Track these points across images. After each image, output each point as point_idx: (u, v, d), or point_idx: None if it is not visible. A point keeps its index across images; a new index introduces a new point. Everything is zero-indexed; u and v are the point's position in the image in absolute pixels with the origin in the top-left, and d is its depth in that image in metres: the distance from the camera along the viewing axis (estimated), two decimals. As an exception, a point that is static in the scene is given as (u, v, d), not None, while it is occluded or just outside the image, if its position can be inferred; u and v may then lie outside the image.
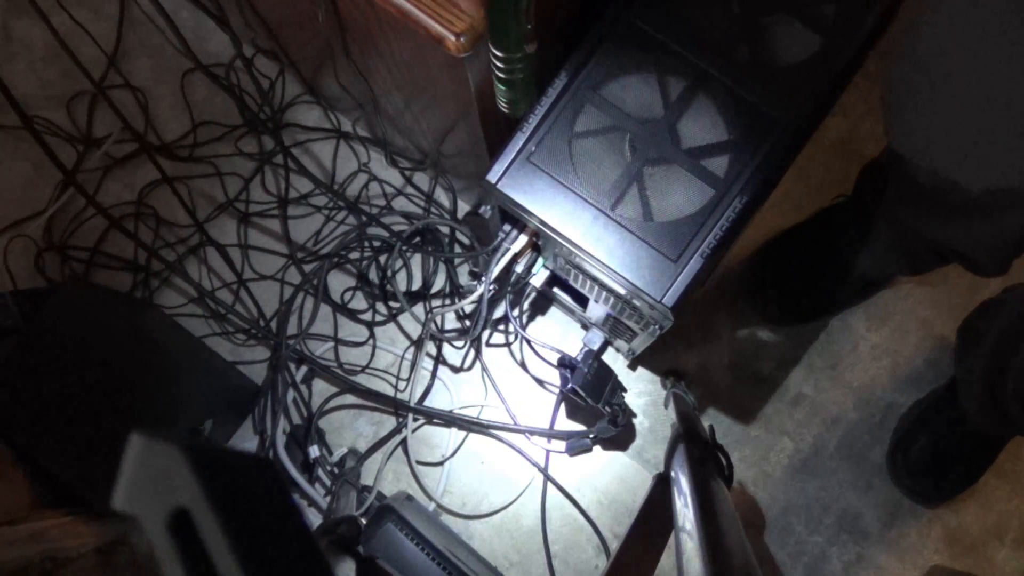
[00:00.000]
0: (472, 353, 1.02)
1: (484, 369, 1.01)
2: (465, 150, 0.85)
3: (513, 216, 0.73)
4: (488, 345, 1.02)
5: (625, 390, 0.92)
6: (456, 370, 1.02)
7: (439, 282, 1.04)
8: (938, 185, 0.67)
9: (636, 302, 0.70)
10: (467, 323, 1.02)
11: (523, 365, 1.02)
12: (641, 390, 1.01)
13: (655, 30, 0.69)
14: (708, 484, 0.57)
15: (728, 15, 0.70)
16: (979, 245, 0.74)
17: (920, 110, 0.60)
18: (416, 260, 1.04)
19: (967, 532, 0.96)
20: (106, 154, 1.07)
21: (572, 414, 1.00)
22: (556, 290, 0.96)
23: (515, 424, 0.99)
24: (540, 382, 1.02)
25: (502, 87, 0.62)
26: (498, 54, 0.57)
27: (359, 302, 1.05)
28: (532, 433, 0.99)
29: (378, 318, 1.04)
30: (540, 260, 0.83)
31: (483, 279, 0.81)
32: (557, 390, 1.00)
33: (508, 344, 1.02)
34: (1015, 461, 0.97)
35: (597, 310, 0.88)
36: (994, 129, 0.54)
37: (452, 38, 0.55)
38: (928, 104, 0.58)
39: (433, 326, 1.00)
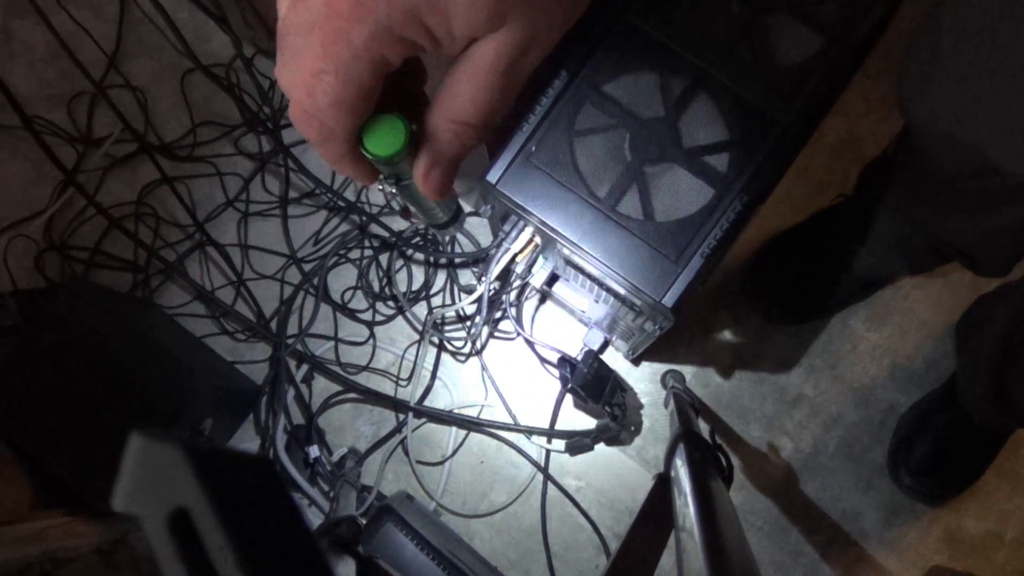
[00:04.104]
0: (472, 353, 1.02)
1: (484, 369, 1.01)
2: (465, 150, 0.85)
3: (514, 216, 0.73)
4: (489, 342, 1.02)
5: (625, 390, 0.92)
6: (454, 367, 1.02)
7: (439, 282, 1.04)
8: (962, 171, 0.64)
9: (636, 302, 0.70)
10: (467, 323, 1.02)
11: (513, 370, 1.02)
12: (641, 390, 1.01)
13: (655, 30, 0.69)
14: (708, 484, 0.57)
15: (728, 15, 0.70)
16: (986, 243, 0.73)
17: (970, 75, 0.53)
18: (417, 260, 1.04)
19: (967, 532, 0.96)
20: (106, 154, 1.07)
21: (572, 413, 1.00)
22: (556, 290, 0.96)
23: (515, 424, 0.99)
24: (537, 383, 1.02)
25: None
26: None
27: (359, 302, 1.05)
28: (532, 433, 0.99)
29: (378, 318, 1.04)
30: (541, 259, 0.83)
31: (483, 279, 0.81)
32: (557, 390, 1.00)
33: (507, 343, 1.02)
34: (1015, 461, 0.97)
35: (597, 310, 0.88)
36: None
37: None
38: (985, 68, 0.51)
39: (432, 326, 1.00)
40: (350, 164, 0.30)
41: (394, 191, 0.32)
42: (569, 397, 0.98)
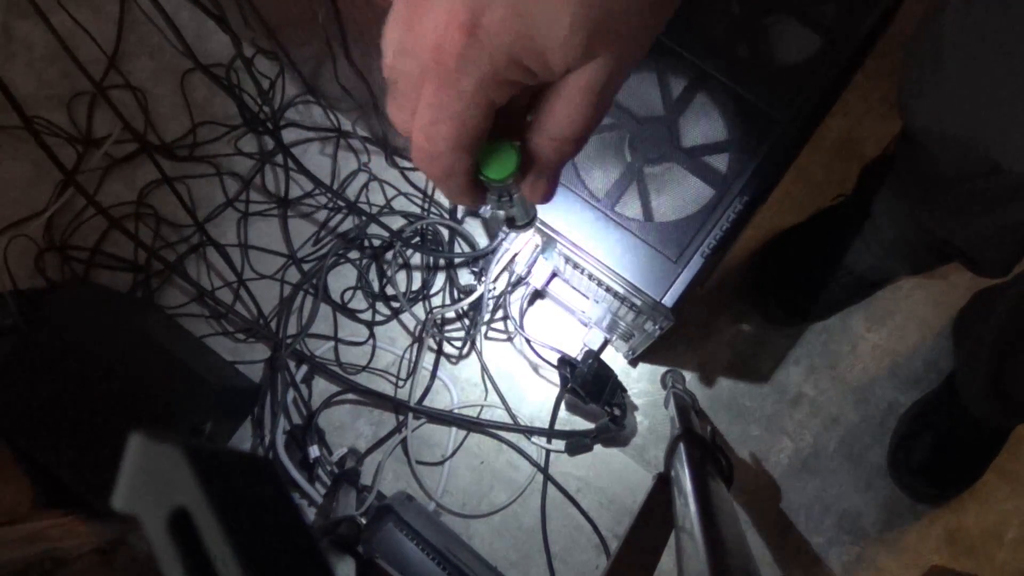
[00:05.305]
0: (472, 353, 1.02)
1: (484, 369, 1.01)
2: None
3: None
4: (488, 342, 1.02)
5: (625, 390, 0.92)
6: (454, 367, 1.02)
7: (439, 282, 1.04)
8: (962, 172, 0.64)
9: (636, 302, 0.70)
10: (467, 323, 1.02)
11: (513, 370, 1.02)
12: (641, 390, 1.01)
13: (655, 30, 0.69)
14: (708, 484, 0.57)
15: (728, 15, 0.70)
16: (986, 243, 0.73)
17: (972, 76, 0.53)
18: (416, 260, 1.04)
19: (967, 532, 0.96)
20: (106, 154, 1.07)
21: (572, 414, 1.00)
22: (556, 290, 0.96)
23: (515, 424, 0.99)
24: (536, 383, 1.02)
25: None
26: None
27: (359, 302, 1.04)
28: (532, 433, 0.99)
29: (378, 318, 1.04)
30: (541, 259, 0.83)
31: (483, 279, 0.81)
32: (557, 390, 1.00)
33: (508, 342, 1.02)
34: (1015, 461, 0.97)
35: (597, 310, 0.88)
36: None
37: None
38: (987, 68, 0.52)
39: (433, 326, 1.00)
40: (468, 193, 0.33)
41: (508, 205, 0.36)
42: (565, 401, 0.98)
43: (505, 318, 1.00)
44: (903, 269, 0.95)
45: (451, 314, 1.03)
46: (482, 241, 1.03)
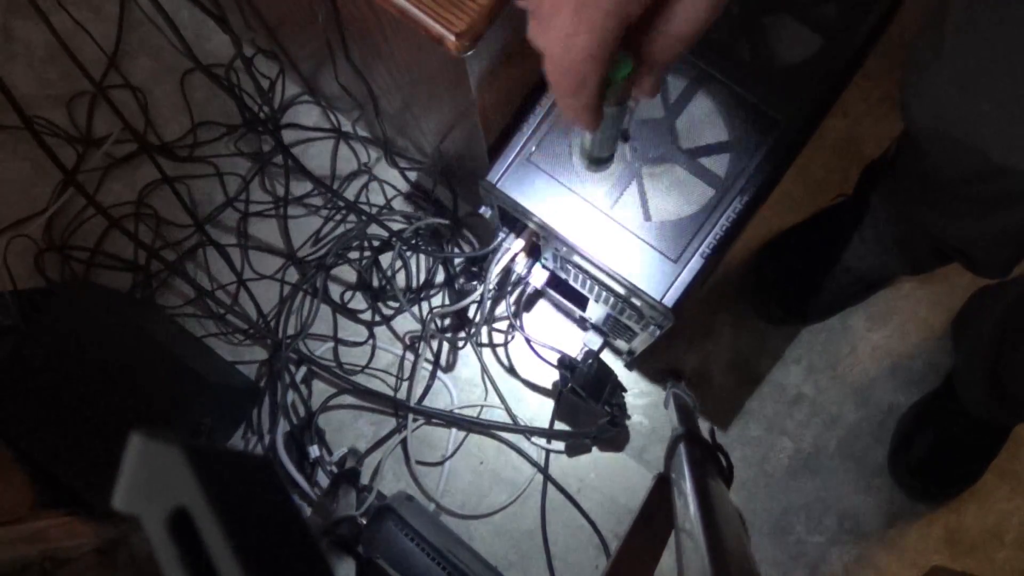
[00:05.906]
0: (471, 353, 1.02)
1: (484, 369, 1.01)
2: (465, 150, 0.85)
3: (513, 216, 0.73)
4: (483, 345, 1.02)
5: (625, 390, 0.92)
6: (448, 368, 1.02)
7: (439, 282, 1.04)
8: (963, 174, 0.64)
9: (636, 302, 0.70)
10: (466, 323, 1.02)
11: (513, 370, 1.02)
12: (641, 390, 1.01)
13: (655, 30, 0.69)
14: (708, 484, 0.57)
15: (728, 15, 0.70)
16: (986, 244, 0.73)
17: (974, 77, 0.53)
18: (415, 260, 1.04)
19: (967, 532, 0.96)
20: (106, 154, 1.07)
21: (572, 414, 1.00)
22: (555, 290, 0.96)
23: (515, 424, 0.99)
24: (536, 384, 1.02)
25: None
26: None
27: (359, 302, 1.04)
28: (532, 433, 0.99)
29: (378, 318, 1.04)
30: (539, 263, 0.83)
31: (483, 279, 0.81)
32: (557, 390, 1.00)
33: (506, 344, 1.02)
34: (1015, 461, 0.97)
35: (597, 310, 0.88)
36: None
37: (452, 38, 0.55)
38: (990, 69, 0.52)
39: (433, 326, 1.00)
40: (591, 110, 0.35)
41: (619, 116, 0.41)
42: (565, 401, 0.98)
43: (504, 318, 1.00)
44: (903, 269, 0.95)
45: (450, 315, 1.03)
46: (483, 241, 1.03)
